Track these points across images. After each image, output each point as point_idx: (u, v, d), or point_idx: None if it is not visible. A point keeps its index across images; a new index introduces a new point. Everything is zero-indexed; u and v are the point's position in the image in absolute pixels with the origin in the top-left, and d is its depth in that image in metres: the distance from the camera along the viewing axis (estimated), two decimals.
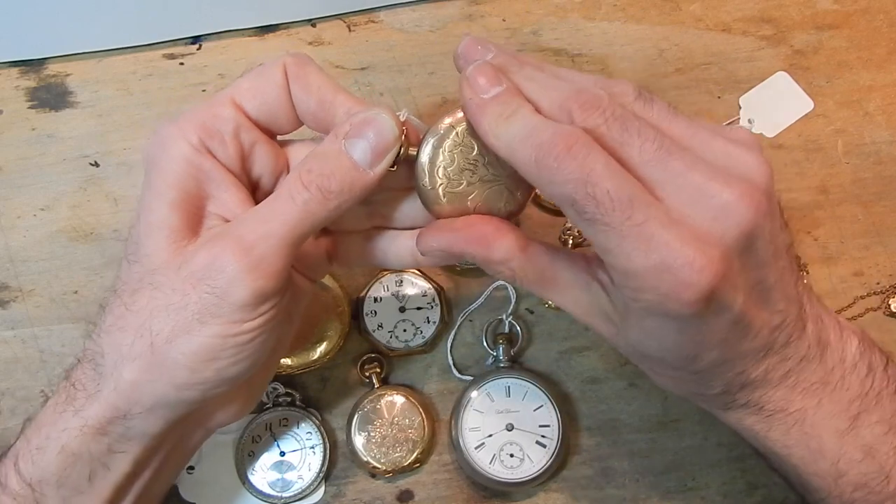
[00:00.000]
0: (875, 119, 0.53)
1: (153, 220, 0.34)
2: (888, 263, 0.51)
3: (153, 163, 0.34)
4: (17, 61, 0.53)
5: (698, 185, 0.30)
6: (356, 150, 0.33)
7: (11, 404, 0.48)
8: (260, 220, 0.33)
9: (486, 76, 0.33)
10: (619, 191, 0.29)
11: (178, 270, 0.33)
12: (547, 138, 0.30)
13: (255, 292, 0.32)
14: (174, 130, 0.34)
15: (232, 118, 0.34)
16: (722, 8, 0.55)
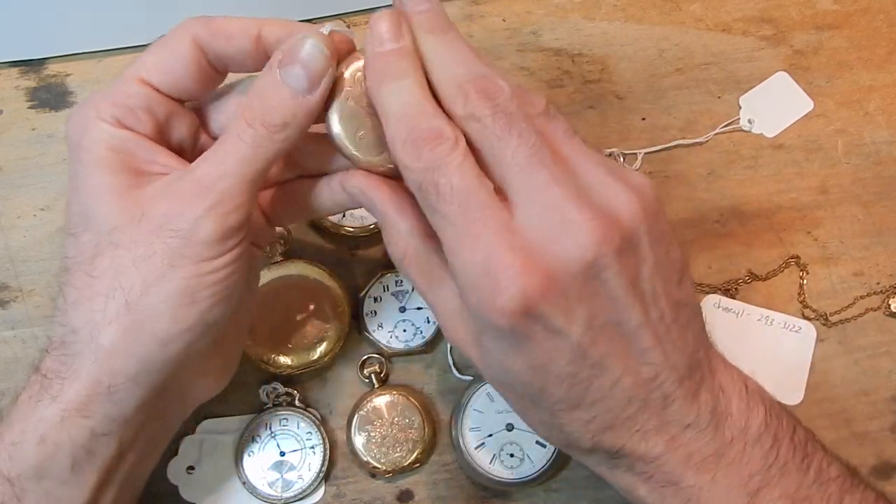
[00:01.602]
0: (875, 119, 0.53)
1: (95, 186, 0.34)
2: (888, 263, 0.51)
3: (77, 144, 0.35)
4: (17, 61, 0.53)
5: (555, 200, 0.30)
6: (291, 78, 0.33)
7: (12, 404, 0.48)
8: (213, 162, 0.33)
9: (389, 26, 0.32)
10: (462, 185, 0.30)
11: (139, 223, 0.33)
12: (421, 127, 0.31)
13: (221, 226, 0.33)
14: (88, 111, 0.35)
15: (141, 94, 0.35)
16: (722, 8, 0.55)
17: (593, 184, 0.31)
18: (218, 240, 0.33)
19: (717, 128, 0.52)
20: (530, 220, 0.31)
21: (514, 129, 0.31)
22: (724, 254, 0.50)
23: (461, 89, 0.31)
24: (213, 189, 0.33)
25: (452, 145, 0.31)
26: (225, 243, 0.33)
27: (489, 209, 0.30)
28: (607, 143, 0.52)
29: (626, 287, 0.31)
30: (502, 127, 0.31)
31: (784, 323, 0.49)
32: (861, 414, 0.48)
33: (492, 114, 0.31)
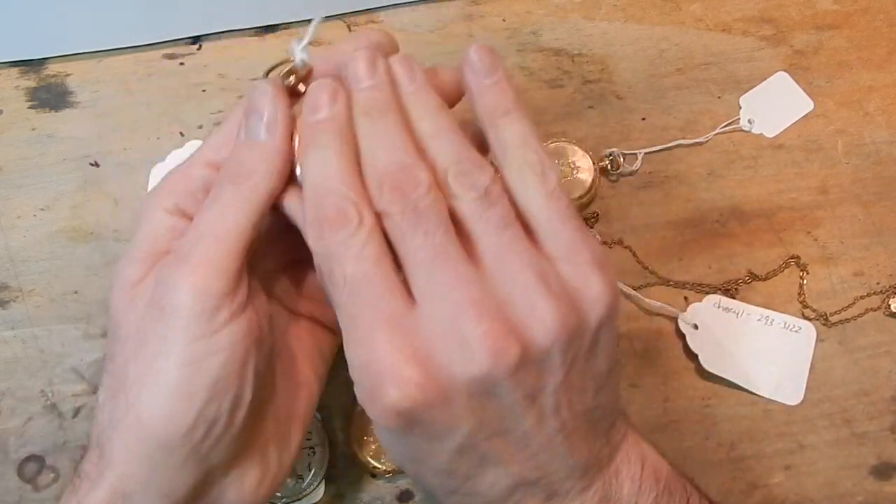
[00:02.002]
0: (875, 119, 0.53)
1: (117, 278, 0.33)
2: (888, 263, 0.51)
3: (134, 233, 0.34)
4: (17, 61, 0.53)
5: (454, 306, 0.29)
6: (249, 129, 0.32)
7: (11, 404, 0.48)
8: (192, 231, 0.32)
9: (324, 95, 0.31)
10: (356, 275, 0.29)
11: (133, 308, 0.32)
12: (326, 204, 0.30)
13: (198, 290, 0.30)
14: (150, 199, 0.34)
15: (201, 177, 0.34)
16: (722, 8, 0.55)
17: (513, 291, 0.29)
18: (203, 312, 0.30)
19: (717, 128, 0.52)
20: (428, 322, 0.29)
21: (421, 227, 0.29)
22: (724, 254, 0.50)
23: (378, 181, 0.30)
24: (190, 255, 0.31)
25: (354, 230, 0.29)
26: (213, 316, 0.30)
27: (383, 303, 0.29)
28: (607, 143, 0.52)
29: (521, 401, 0.30)
30: (409, 223, 0.29)
31: (784, 323, 0.49)
32: (861, 414, 0.48)
33: (401, 210, 0.29)
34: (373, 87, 0.31)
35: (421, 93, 0.32)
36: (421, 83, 0.33)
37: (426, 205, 0.29)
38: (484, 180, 0.30)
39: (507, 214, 0.30)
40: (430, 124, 0.32)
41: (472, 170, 0.30)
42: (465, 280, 0.29)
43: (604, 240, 0.50)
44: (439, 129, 0.31)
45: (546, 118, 0.53)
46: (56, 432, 0.47)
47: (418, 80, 0.33)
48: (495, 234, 0.30)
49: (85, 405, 0.47)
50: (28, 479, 0.46)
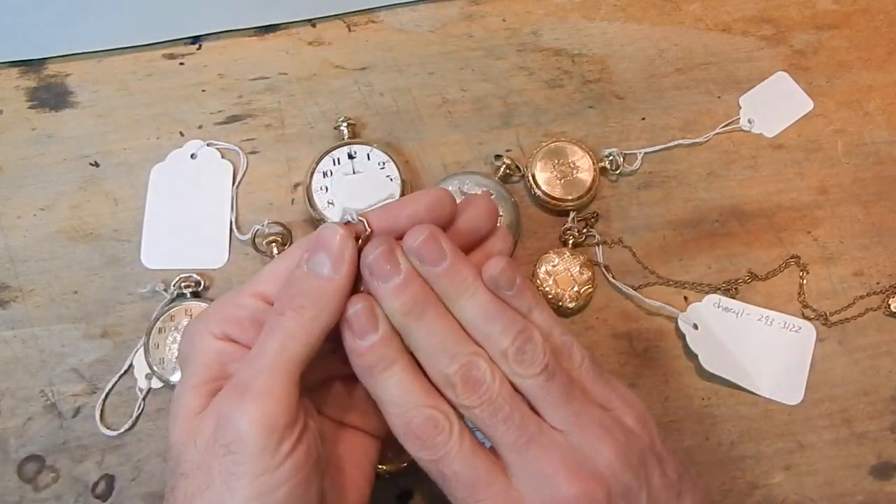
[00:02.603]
0: (875, 119, 0.53)
1: (176, 409, 0.33)
2: (888, 263, 0.51)
3: (185, 358, 0.35)
4: (17, 61, 0.53)
5: (546, 475, 0.33)
6: (314, 264, 0.33)
7: (11, 404, 0.48)
8: (249, 361, 0.32)
9: (363, 318, 0.33)
10: (464, 472, 0.33)
11: (195, 445, 0.32)
12: (416, 420, 0.33)
13: (262, 425, 0.30)
14: (199, 327, 0.35)
15: (250, 306, 0.35)
16: (722, 8, 0.55)
17: (583, 444, 0.33)
18: (267, 446, 0.30)
19: (717, 128, 0.53)
20: (525, 489, 0.33)
21: (500, 415, 0.33)
22: (724, 254, 0.50)
23: (448, 381, 0.33)
24: (249, 389, 0.31)
25: (448, 434, 0.33)
26: (277, 449, 0.31)
27: (491, 487, 0.33)
28: (607, 143, 0.52)
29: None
30: (488, 414, 0.33)
31: (784, 323, 0.49)
32: (861, 414, 0.48)
33: (478, 405, 0.33)
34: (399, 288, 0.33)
35: (456, 271, 0.34)
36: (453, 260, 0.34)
37: (497, 394, 0.33)
38: (541, 357, 0.34)
39: (568, 383, 0.34)
40: (471, 307, 0.34)
41: (528, 348, 0.34)
42: (549, 448, 0.33)
43: (604, 239, 0.50)
44: (485, 309, 0.34)
45: (546, 118, 0.53)
46: (56, 432, 0.47)
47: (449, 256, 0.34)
48: (562, 405, 0.34)
49: (85, 405, 0.47)
50: (28, 479, 0.46)
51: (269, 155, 0.52)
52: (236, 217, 0.50)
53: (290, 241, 0.49)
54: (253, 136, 0.52)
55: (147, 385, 0.47)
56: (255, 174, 0.51)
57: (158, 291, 0.48)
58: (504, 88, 0.53)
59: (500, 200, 0.49)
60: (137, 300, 0.49)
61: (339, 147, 0.50)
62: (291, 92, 0.53)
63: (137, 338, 0.48)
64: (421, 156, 0.52)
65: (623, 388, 0.36)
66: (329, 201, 0.49)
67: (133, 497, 0.46)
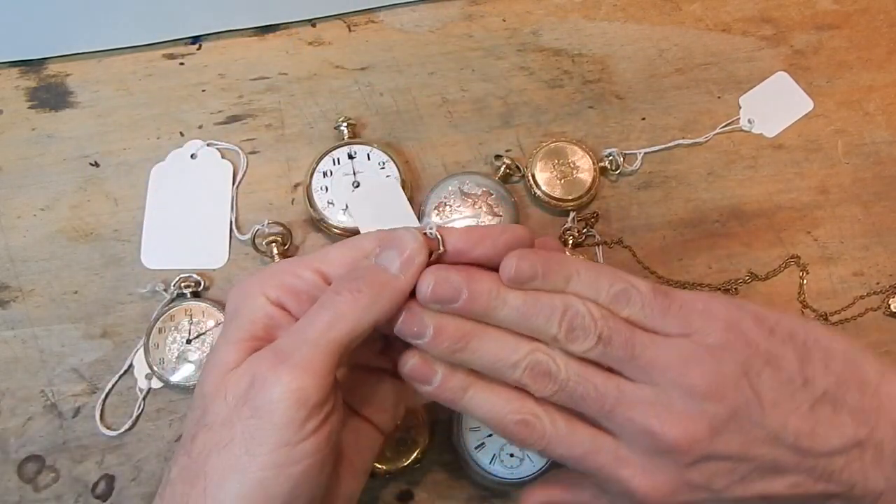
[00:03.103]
0: (875, 119, 0.53)
1: (213, 360, 0.33)
2: (888, 263, 0.51)
3: (234, 312, 0.34)
4: (17, 61, 0.53)
5: (642, 429, 0.33)
6: (383, 258, 0.34)
7: (11, 404, 0.48)
8: (295, 330, 0.32)
9: (418, 372, 0.34)
10: (571, 451, 0.34)
11: (225, 400, 0.32)
12: (510, 427, 0.34)
13: (295, 398, 0.30)
14: (255, 284, 0.34)
15: (310, 280, 0.34)
16: (722, 8, 0.55)
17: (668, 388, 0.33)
18: (294, 420, 0.30)
19: (717, 128, 0.52)
20: (632, 444, 0.34)
21: (576, 395, 0.34)
22: (724, 254, 0.50)
23: (521, 384, 0.34)
24: (289, 357, 0.31)
25: (541, 427, 0.34)
26: (303, 425, 0.31)
27: (600, 453, 0.34)
28: (607, 143, 0.52)
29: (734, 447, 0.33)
30: (568, 397, 0.34)
31: None
32: None
33: (554, 392, 0.34)
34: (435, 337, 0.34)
35: (476, 297, 0.34)
36: (468, 289, 0.34)
37: (566, 378, 0.34)
38: (592, 329, 0.34)
39: (630, 337, 0.34)
40: (507, 315, 0.34)
41: (576, 325, 0.34)
42: (635, 405, 0.33)
43: (604, 240, 0.50)
44: (520, 311, 0.34)
45: (546, 118, 0.53)
46: (56, 432, 0.47)
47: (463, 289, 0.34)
48: (631, 360, 0.34)
49: (85, 405, 0.47)
50: (28, 479, 0.46)
51: (269, 155, 0.52)
52: (236, 217, 0.50)
53: (290, 241, 0.49)
54: (253, 136, 0.52)
55: (147, 385, 0.47)
56: (255, 174, 0.51)
57: (158, 291, 0.48)
58: (504, 88, 0.53)
59: (500, 200, 0.49)
60: (137, 300, 0.49)
61: (339, 147, 0.50)
62: (291, 92, 0.53)
63: (137, 338, 0.48)
64: (421, 156, 0.52)
65: (702, 302, 0.35)
66: (329, 201, 0.49)
67: (133, 497, 0.46)
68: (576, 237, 0.50)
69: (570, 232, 0.50)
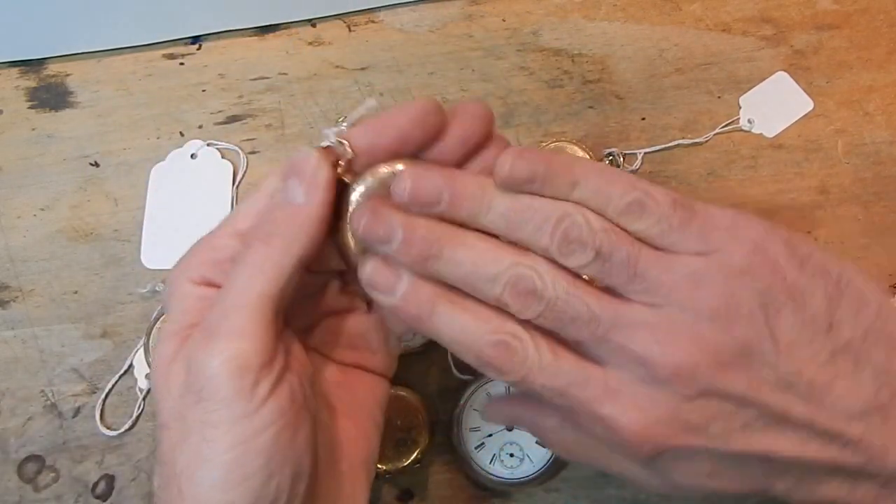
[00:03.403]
0: (875, 119, 0.53)
1: (154, 359, 0.31)
2: (888, 263, 0.51)
3: (166, 309, 0.33)
4: (17, 61, 0.53)
5: (637, 356, 0.30)
6: (287, 191, 0.31)
7: (11, 404, 0.48)
8: (220, 299, 0.30)
9: (379, 275, 0.31)
10: (553, 383, 0.30)
11: (170, 394, 0.30)
12: (485, 351, 0.30)
13: (233, 366, 0.28)
14: (177, 273, 0.32)
15: (228, 246, 0.32)
16: (722, 8, 0.55)
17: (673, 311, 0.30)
18: (241, 388, 0.28)
19: (717, 128, 0.52)
20: (622, 375, 0.30)
21: (566, 317, 0.30)
22: None
23: (500, 302, 0.30)
24: (217, 330, 0.29)
25: (523, 352, 0.30)
26: (253, 391, 0.28)
27: (586, 386, 0.30)
28: (607, 143, 0.52)
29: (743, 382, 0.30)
30: (555, 319, 0.30)
31: None
32: None
33: (539, 313, 0.30)
34: (405, 243, 0.30)
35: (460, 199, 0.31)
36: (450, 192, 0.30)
37: (555, 296, 0.30)
38: (589, 241, 0.30)
39: (635, 253, 0.30)
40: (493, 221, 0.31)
41: (572, 236, 0.30)
42: (631, 328, 0.30)
43: None
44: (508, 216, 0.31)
45: (546, 118, 0.53)
46: (56, 432, 0.47)
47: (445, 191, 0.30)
48: (633, 280, 0.30)
49: (85, 405, 0.47)
50: (28, 479, 0.46)
51: (269, 155, 0.52)
52: None
53: None
54: (253, 136, 0.52)
55: (147, 385, 0.47)
56: (255, 174, 0.51)
57: (158, 291, 0.48)
58: (504, 88, 0.53)
59: None
60: (137, 300, 0.49)
61: None
62: (291, 92, 0.53)
63: (137, 338, 0.48)
64: None
65: (729, 219, 0.30)
66: None
67: (133, 497, 0.46)
68: None
69: None
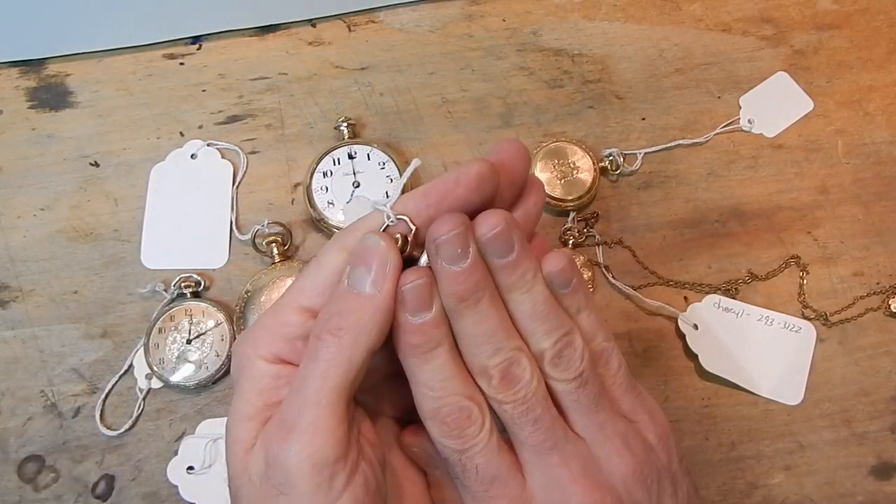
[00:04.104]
0: (875, 119, 0.53)
1: (230, 440, 0.32)
2: (888, 263, 0.51)
3: (236, 385, 0.33)
4: (17, 61, 0.53)
5: (561, 481, 0.32)
6: (354, 279, 0.31)
7: (11, 404, 0.48)
8: (294, 392, 0.31)
9: (418, 296, 0.32)
10: (486, 469, 0.32)
11: (250, 481, 0.31)
12: (449, 408, 0.32)
13: (311, 463, 0.29)
14: (248, 350, 0.33)
15: (299, 324, 0.33)
16: (722, 8, 0.55)
17: (602, 455, 0.33)
18: (320, 483, 0.29)
19: (717, 128, 0.52)
20: (538, 491, 0.33)
21: (531, 415, 0.32)
22: (724, 254, 0.50)
23: (485, 372, 0.32)
24: (294, 426, 0.30)
25: (479, 427, 0.32)
26: (331, 486, 0.30)
27: (507, 485, 0.32)
28: (607, 143, 0.52)
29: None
30: (520, 414, 0.32)
31: (784, 323, 0.49)
32: (861, 414, 0.48)
33: (512, 401, 0.32)
34: (461, 274, 0.31)
35: (519, 264, 0.32)
36: (519, 253, 0.32)
37: (532, 395, 0.32)
38: (578, 364, 0.33)
39: (599, 392, 0.33)
40: (524, 302, 0.33)
41: (567, 353, 0.33)
42: (570, 455, 0.33)
43: (604, 240, 0.50)
44: (536, 307, 0.33)
45: (546, 118, 0.53)
46: (56, 432, 0.47)
47: (517, 249, 0.32)
48: (589, 414, 0.33)
49: (85, 405, 0.47)
50: (28, 479, 0.46)
51: (269, 155, 0.52)
52: (236, 217, 0.50)
53: (290, 240, 0.49)
54: (253, 136, 0.52)
55: (147, 385, 0.47)
56: (255, 174, 0.51)
57: (158, 291, 0.48)
58: (504, 88, 0.53)
59: None
60: (137, 300, 0.49)
61: (339, 147, 0.50)
62: (291, 92, 0.53)
63: (137, 338, 0.48)
64: (421, 156, 0.52)
65: (651, 403, 0.36)
66: (329, 201, 0.49)
67: (133, 497, 0.46)
68: (576, 237, 0.50)
69: (570, 232, 0.50)
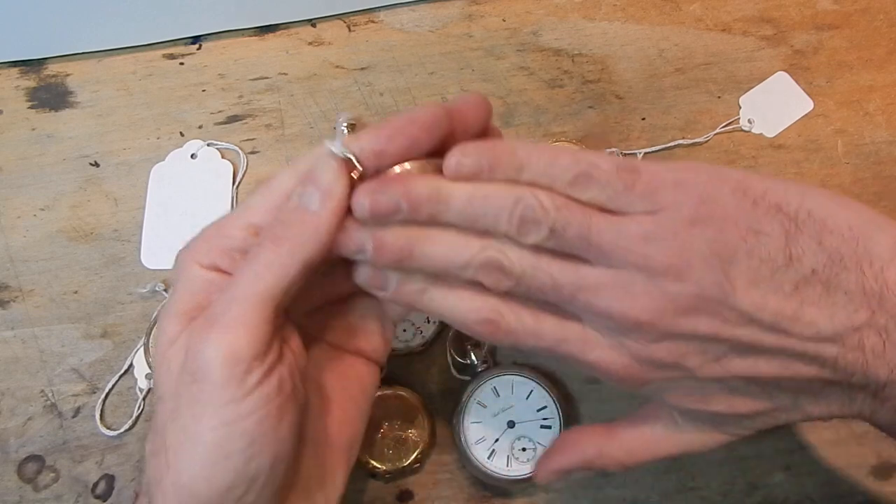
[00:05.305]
0: (875, 119, 0.53)
1: (158, 335, 0.33)
2: None
3: (172, 288, 0.34)
4: (17, 61, 0.53)
5: (603, 313, 0.32)
6: (304, 198, 0.32)
7: (11, 404, 0.48)
8: (226, 293, 0.32)
9: (372, 276, 0.34)
10: (538, 342, 0.34)
11: (169, 370, 0.32)
12: (474, 326, 0.33)
13: (227, 355, 0.30)
14: (187, 255, 0.34)
15: (241, 238, 0.34)
16: (722, 8, 0.55)
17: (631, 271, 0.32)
18: (232, 376, 0.30)
19: (717, 128, 0.53)
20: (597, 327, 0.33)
21: (533, 287, 0.33)
22: None
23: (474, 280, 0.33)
24: (218, 320, 0.31)
25: (505, 322, 0.33)
26: (244, 380, 0.30)
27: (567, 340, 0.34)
28: (607, 143, 0.52)
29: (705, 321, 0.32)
30: (526, 291, 0.33)
31: None
32: None
33: (511, 287, 0.33)
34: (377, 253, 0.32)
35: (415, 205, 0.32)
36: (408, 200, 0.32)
37: (521, 271, 0.32)
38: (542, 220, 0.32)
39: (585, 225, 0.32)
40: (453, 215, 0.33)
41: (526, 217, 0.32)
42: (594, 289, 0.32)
43: None
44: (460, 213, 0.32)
45: (546, 118, 0.53)
46: (56, 432, 0.47)
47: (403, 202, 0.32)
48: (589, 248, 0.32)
49: (85, 405, 0.47)
50: (28, 479, 0.46)
51: (269, 155, 0.52)
52: None
53: None
54: (253, 136, 0.52)
55: (147, 385, 0.47)
56: (255, 174, 0.51)
57: (158, 291, 0.48)
58: (504, 88, 0.53)
59: None
60: (137, 300, 0.49)
61: None
62: (291, 92, 0.53)
63: (137, 338, 0.48)
64: None
65: (674, 173, 0.32)
66: None
67: (133, 497, 0.46)
68: None
69: None
